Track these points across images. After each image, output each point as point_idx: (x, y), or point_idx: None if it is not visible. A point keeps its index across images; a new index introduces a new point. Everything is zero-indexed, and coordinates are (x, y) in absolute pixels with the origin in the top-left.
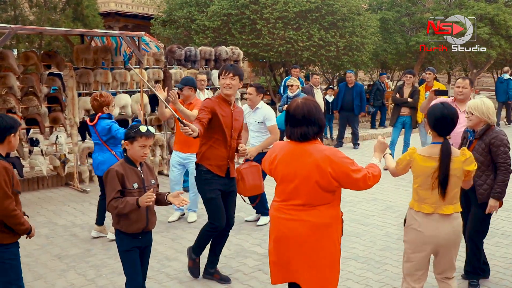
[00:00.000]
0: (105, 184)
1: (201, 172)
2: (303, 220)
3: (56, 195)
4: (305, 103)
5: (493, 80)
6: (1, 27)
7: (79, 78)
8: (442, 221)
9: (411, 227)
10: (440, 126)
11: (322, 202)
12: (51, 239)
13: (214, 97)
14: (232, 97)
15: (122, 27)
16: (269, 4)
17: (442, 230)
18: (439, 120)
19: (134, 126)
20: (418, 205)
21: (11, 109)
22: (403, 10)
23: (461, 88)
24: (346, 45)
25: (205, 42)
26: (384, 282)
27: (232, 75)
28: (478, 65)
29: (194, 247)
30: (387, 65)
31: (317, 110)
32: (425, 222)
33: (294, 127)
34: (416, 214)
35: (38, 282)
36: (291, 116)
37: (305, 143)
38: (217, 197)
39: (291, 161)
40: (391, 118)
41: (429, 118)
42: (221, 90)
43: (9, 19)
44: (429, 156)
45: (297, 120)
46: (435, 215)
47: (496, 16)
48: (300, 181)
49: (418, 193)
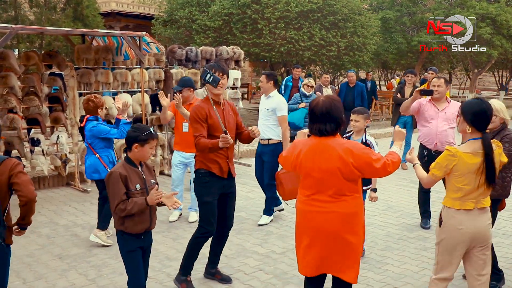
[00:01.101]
0: (108, 186)
1: (200, 175)
2: (334, 212)
3: (57, 195)
4: (325, 101)
5: (494, 80)
6: (2, 27)
7: (80, 78)
8: (481, 215)
9: (451, 227)
10: (479, 121)
11: (347, 192)
12: (52, 239)
13: (202, 101)
14: (221, 96)
15: (123, 27)
16: (271, 4)
17: (482, 223)
18: (477, 115)
19: (141, 129)
20: (460, 203)
21: (12, 109)
22: (404, 10)
23: (436, 87)
24: (347, 45)
25: (206, 42)
26: (385, 282)
27: (221, 74)
28: (479, 64)
29: (183, 264)
30: (388, 65)
31: (336, 108)
32: (466, 219)
33: (313, 123)
34: (457, 213)
35: (39, 282)
36: (312, 112)
37: (326, 138)
38: (213, 201)
39: (314, 156)
40: (392, 118)
41: (466, 114)
42: (216, 95)
43: (10, 19)
44: (474, 152)
45: (316, 116)
46: (475, 210)
47: (498, 16)
48: (325, 174)
49: (463, 191)
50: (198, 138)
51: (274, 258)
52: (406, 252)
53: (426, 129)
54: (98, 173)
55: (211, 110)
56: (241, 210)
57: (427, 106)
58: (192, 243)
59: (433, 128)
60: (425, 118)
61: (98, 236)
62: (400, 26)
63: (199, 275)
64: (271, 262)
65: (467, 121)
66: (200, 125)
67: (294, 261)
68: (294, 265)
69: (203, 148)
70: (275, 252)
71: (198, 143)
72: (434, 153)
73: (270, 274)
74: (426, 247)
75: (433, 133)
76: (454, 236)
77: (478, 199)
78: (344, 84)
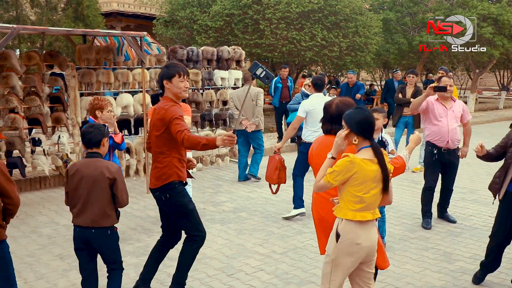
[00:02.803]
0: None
1: (175, 186)
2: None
3: (58, 194)
4: (337, 104)
5: (495, 80)
6: (4, 27)
7: (81, 78)
8: (373, 227)
9: (349, 241)
10: (365, 130)
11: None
12: (53, 238)
13: (171, 103)
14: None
15: (124, 27)
16: (272, 4)
17: (374, 235)
18: (362, 124)
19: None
20: (361, 215)
21: (13, 109)
22: (405, 10)
23: (448, 86)
24: (349, 45)
25: (207, 42)
26: (386, 283)
27: (188, 77)
28: (480, 65)
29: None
30: (389, 65)
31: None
32: (363, 233)
33: (324, 123)
34: (357, 226)
35: (40, 282)
36: (324, 112)
37: (332, 136)
38: (194, 206)
39: (321, 153)
40: (393, 118)
41: (351, 125)
42: (177, 93)
43: (11, 19)
44: (371, 159)
45: (326, 117)
46: (370, 222)
47: (500, 15)
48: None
49: (363, 201)
50: (185, 132)
51: (275, 258)
52: (407, 252)
53: (436, 128)
54: None
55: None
56: (242, 210)
57: (435, 105)
58: (193, 256)
59: (444, 126)
60: (435, 116)
61: None
62: (401, 27)
63: (201, 275)
64: (272, 262)
65: (354, 131)
66: (183, 121)
67: (295, 261)
68: (295, 265)
69: (195, 144)
70: (276, 252)
71: (188, 137)
72: (444, 151)
73: (271, 274)
74: (427, 247)
75: (444, 131)
76: (353, 252)
77: (375, 209)
78: (344, 84)
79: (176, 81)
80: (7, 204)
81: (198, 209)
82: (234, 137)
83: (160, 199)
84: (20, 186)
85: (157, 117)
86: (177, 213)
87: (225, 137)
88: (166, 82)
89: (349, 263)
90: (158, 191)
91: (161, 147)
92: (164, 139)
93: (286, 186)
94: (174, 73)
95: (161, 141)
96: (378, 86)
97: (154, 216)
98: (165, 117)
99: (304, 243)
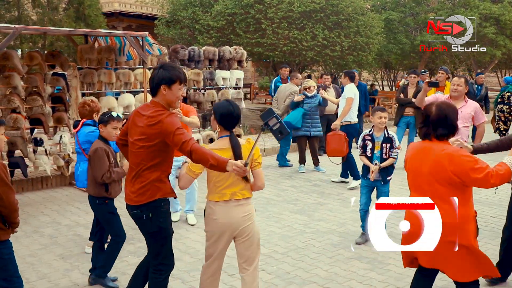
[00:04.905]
0: (94, 159)
1: (161, 205)
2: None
3: (60, 194)
4: (439, 106)
5: (497, 80)
6: (6, 27)
7: (83, 78)
8: (237, 207)
9: (209, 217)
10: (225, 122)
11: (444, 198)
12: (55, 238)
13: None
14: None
15: (125, 27)
16: (274, 4)
17: (236, 214)
18: (224, 116)
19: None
20: (219, 196)
21: (15, 109)
22: (407, 10)
23: (456, 85)
24: (350, 45)
25: (209, 42)
26: (388, 283)
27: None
28: (482, 64)
29: None
30: (391, 65)
31: (452, 113)
32: (220, 211)
33: (422, 127)
34: (215, 205)
35: (42, 282)
36: (424, 116)
37: (431, 142)
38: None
39: (416, 158)
40: (395, 118)
41: (216, 115)
42: (172, 101)
43: (13, 19)
44: (220, 148)
45: (429, 120)
46: (232, 202)
47: (502, 15)
48: (423, 178)
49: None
50: (191, 142)
51: (276, 259)
52: None
53: None
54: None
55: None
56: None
57: None
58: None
59: None
60: None
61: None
62: (403, 27)
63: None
64: (274, 262)
65: (217, 121)
66: (186, 132)
67: (297, 261)
68: (297, 265)
69: (204, 160)
70: (278, 252)
71: (196, 149)
72: None
73: (273, 274)
74: None
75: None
76: (212, 226)
77: (233, 191)
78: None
79: (176, 88)
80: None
81: (199, 209)
82: (246, 170)
83: (140, 218)
84: (22, 186)
85: (147, 124)
86: (154, 236)
87: (236, 167)
88: (164, 87)
89: (210, 234)
90: (139, 208)
91: (150, 160)
92: (155, 152)
93: (287, 186)
94: (176, 79)
95: (152, 153)
96: (379, 86)
97: None
98: (162, 130)
99: (306, 243)
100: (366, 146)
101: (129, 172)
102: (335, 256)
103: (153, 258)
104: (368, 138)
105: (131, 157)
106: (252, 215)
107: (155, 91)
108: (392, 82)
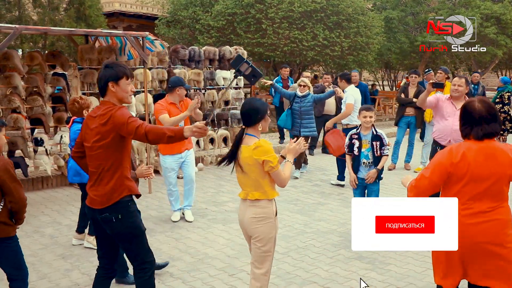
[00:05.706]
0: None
1: (128, 204)
2: (495, 220)
3: (61, 194)
4: (484, 102)
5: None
6: (6, 27)
7: (84, 78)
8: (248, 207)
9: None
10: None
11: (505, 198)
12: (55, 238)
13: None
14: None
15: (126, 27)
16: (274, 4)
17: (246, 215)
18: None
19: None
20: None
21: (16, 109)
22: (408, 10)
23: (456, 86)
24: (350, 45)
25: (209, 42)
26: (388, 283)
27: (133, 79)
28: (482, 64)
29: None
30: (391, 65)
31: (495, 109)
32: (240, 207)
33: (473, 126)
34: (240, 201)
35: (42, 282)
36: (470, 116)
37: (490, 141)
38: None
39: (486, 160)
40: (395, 118)
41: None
42: (123, 97)
43: (13, 19)
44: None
45: (476, 119)
46: (246, 201)
47: (503, 15)
48: (494, 180)
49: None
50: (144, 125)
51: (277, 259)
52: (409, 252)
53: (441, 126)
54: (79, 176)
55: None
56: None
57: (446, 103)
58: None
59: (449, 125)
60: (442, 115)
61: (89, 242)
62: (403, 26)
63: (203, 275)
64: (274, 262)
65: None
66: (138, 119)
67: (297, 261)
68: (297, 266)
69: (160, 135)
70: (278, 252)
71: (150, 129)
72: None
73: (273, 274)
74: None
75: (448, 130)
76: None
77: (247, 191)
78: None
79: (123, 83)
80: (10, 202)
81: (200, 209)
82: (206, 129)
83: (109, 220)
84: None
85: (100, 123)
86: (127, 237)
87: (195, 128)
88: (112, 84)
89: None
90: (107, 211)
91: (109, 159)
92: (112, 149)
93: (288, 186)
94: (122, 75)
95: (110, 152)
96: (380, 86)
97: (155, 216)
98: (115, 123)
99: (306, 243)
100: (353, 145)
101: (91, 177)
102: (335, 256)
103: (133, 260)
104: (355, 137)
105: (90, 161)
106: (263, 218)
107: (103, 91)
108: (392, 82)
